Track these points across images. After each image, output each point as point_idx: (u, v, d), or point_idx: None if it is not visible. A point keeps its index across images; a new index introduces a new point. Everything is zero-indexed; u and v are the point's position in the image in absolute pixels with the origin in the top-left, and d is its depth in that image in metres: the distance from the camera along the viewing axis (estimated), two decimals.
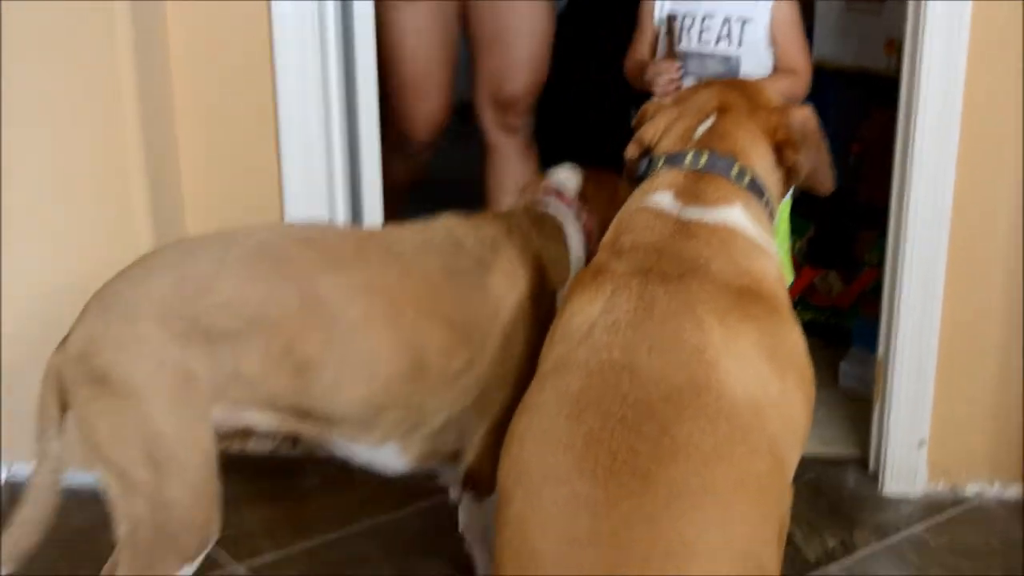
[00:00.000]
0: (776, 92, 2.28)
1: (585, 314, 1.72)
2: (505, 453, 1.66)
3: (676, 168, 1.87)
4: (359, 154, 2.79)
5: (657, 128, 1.96)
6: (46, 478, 1.84)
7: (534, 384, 1.71)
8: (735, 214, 1.82)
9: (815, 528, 2.50)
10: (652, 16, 2.61)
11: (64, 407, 1.83)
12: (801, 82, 2.53)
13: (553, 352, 1.73)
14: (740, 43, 2.52)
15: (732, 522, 1.53)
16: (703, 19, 2.54)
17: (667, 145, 1.93)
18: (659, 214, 1.81)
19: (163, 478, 1.79)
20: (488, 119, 3.26)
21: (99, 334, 1.78)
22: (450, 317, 1.96)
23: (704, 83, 2.06)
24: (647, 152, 1.96)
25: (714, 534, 1.51)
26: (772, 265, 1.82)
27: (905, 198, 2.49)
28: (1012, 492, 2.61)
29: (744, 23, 2.51)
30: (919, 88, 2.42)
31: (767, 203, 1.89)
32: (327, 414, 1.92)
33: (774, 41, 2.53)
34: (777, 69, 2.54)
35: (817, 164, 1.95)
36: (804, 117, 1.96)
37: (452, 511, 2.28)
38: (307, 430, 1.96)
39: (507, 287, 2.04)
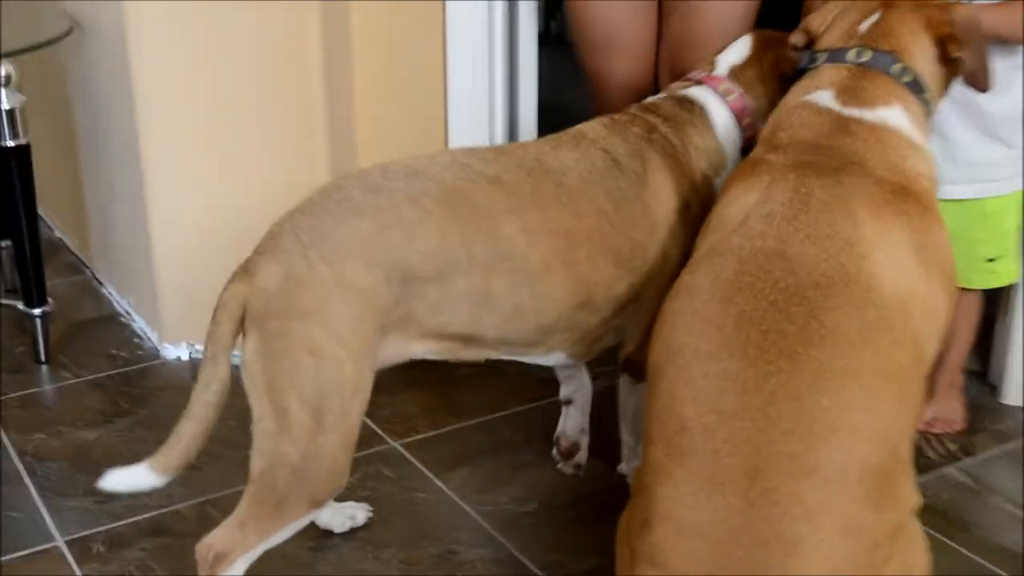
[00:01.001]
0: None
1: (740, 204, 1.70)
2: (657, 333, 1.66)
3: (838, 64, 1.83)
4: (518, 94, 2.81)
5: (824, 19, 1.92)
6: (211, 398, 1.74)
7: (687, 268, 1.70)
8: (894, 113, 1.78)
9: (937, 432, 2.47)
10: None
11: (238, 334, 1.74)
12: None
13: (707, 239, 1.72)
14: None
15: (873, 406, 1.52)
16: None
17: (831, 39, 1.88)
18: (819, 111, 1.78)
19: (324, 425, 1.71)
20: None
21: (302, 272, 1.69)
22: (617, 248, 1.91)
23: None
24: (811, 42, 1.92)
25: (855, 415, 1.50)
26: (926, 165, 1.78)
27: None
28: None
29: None
30: None
31: (926, 101, 1.84)
32: (495, 341, 1.90)
33: None
34: None
35: (978, 63, 1.89)
36: (969, 14, 1.89)
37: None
38: (470, 354, 1.92)
39: (660, 199, 1.97)
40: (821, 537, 1.43)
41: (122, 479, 1.75)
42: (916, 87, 1.82)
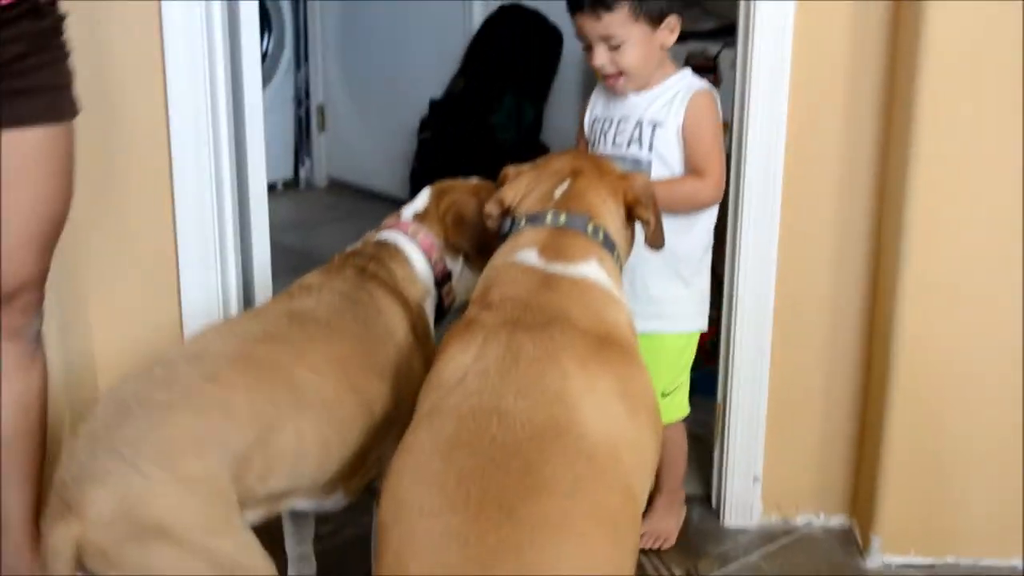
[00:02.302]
0: (681, 193, 2.27)
1: (457, 362, 1.70)
2: (385, 490, 1.62)
3: (538, 226, 1.88)
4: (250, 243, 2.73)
5: (517, 190, 1.97)
6: None
7: (411, 427, 1.68)
8: (592, 268, 1.83)
9: (663, 559, 2.49)
10: (583, 122, 2.46)
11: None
12: (709, 185, 2.28)
13: (429, 398, 1.70)
14: (650, 147, 2.29)
15: (589, 553, 1.52)
16: (618, 122, 2.34)
17: (529, 205, 1.94)
18: (525, 269, 1.81)
19: None
20: None
21: (139, 486, 1.59)
22: (379, 365, 1.97)
23: (558, 152, 2.07)
24: (507, 211, 1.97)
25: (572, 563, 1.49)
26: (624, 314, 1.83)
27: (736, 262, 2.51)
28: (836, 521, 2.64)
29: (655, 127, 2.29)
30: (745, 166, 2.44)
31: (617, 257, 1.91)
32: (309, 489, 1.88)
33: (684, 140, 2.29)
34: (688, 170, 2.30)
35: (655, 225, 1.99)
36: (644, 182, 2.01)
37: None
38: (277, 509, 1.88)
39: (394, 320, 2.05)
40: None
41: None
42: (608, 244, 1.89)
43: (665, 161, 2.30)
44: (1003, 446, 2.41)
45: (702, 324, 2.43)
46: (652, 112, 2.30)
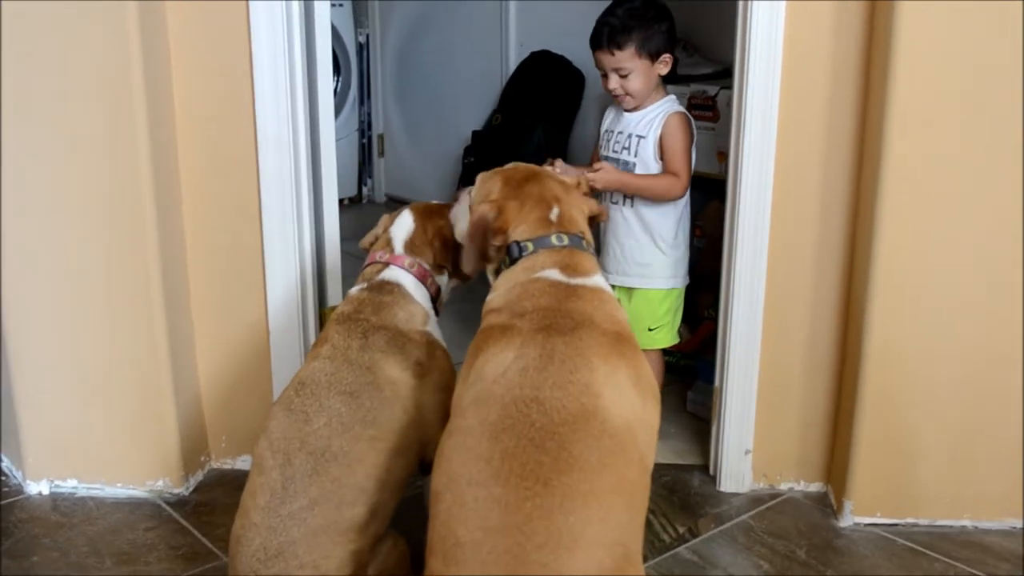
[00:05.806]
0: (659, 186, 2.56)
1: (498, 360, 1.68)
2: (437, 464, 1.63)
3: (548, 248, 1.84)
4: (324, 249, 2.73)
5: (507, 218, 1.89)
6: None
7: (458, 413, 1.67)
8: (600, 279, 1.84)
9: (669, 518, 2.47)
10: (600, 131, 2.74)
11: None
12: (679, 184, 2.56)
13: (471, 389, 1.69)
14: (635, 154, 2.59)
15: (609, 519, 1.51)
16: (617, 134, 2.63)
17: (529, 231, 1.87)
18: (552, 283, 1.79)
19: None
20: None
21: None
22: (381, 434, 1.92)
23: (516, 167, 2.00)
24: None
25: (595, 528, 1.49)
26: (623, 312, 1.83)
27: (732, 269, 2.49)
28: (814, 487, 2.61)
29: (640, 139, 2.57)
30: (740, 189, 2.42)
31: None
32: None
33: (662, 150, 2.56)
34: (664, 171, 2.57)
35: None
36: (594, 200, 2.03)
37: None
38: None
39: (392, 370, 1.98)
40: None
41: None
42: (593, 252, 1.91)
43: (646, 164, 2.59)
44: (953, 427, 2.38)
45: (675, 283, 2.68)
46: (639, 128, 2.59)
